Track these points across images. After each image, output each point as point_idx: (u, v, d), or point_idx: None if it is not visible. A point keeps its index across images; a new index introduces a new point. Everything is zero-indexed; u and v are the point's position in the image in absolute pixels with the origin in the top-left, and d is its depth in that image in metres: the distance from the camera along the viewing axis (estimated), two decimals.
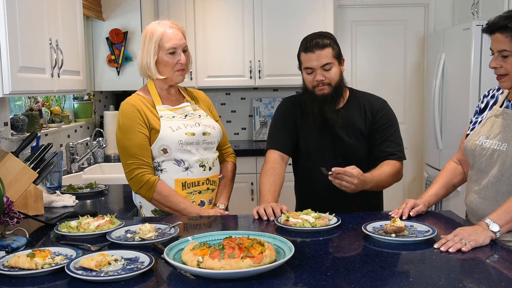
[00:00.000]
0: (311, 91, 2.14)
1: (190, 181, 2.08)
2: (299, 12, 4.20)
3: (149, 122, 2.03)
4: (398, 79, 4.80)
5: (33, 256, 1.38)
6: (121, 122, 2.05)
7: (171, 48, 2.04)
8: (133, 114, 2.03)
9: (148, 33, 2.06)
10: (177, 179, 2.07)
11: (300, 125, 2.24)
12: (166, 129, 2.03)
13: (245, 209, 3.75)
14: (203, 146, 2.11)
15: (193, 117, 2.14)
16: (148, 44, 2.05)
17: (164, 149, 2.04)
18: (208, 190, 2.14)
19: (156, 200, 2.04)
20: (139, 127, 2.02)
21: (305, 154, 2.25)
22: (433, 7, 4.69)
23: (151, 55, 2.04)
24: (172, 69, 2.07)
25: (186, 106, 2.16)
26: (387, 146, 2.18)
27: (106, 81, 3.92)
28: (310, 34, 2.15)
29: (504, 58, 1.73)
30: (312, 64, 2.08)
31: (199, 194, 2.11)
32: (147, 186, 2.02)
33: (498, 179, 1.78)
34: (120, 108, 2.08)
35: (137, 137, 2.01)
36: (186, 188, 2.08)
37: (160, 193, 2.02)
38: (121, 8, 3.85)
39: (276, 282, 1.29)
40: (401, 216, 1.87)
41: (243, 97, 4.78)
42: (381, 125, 2.18)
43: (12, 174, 2.03)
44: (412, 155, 4.88)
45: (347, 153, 2.19)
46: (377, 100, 2.25)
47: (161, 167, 2.07)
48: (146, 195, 2.04)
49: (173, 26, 2.09)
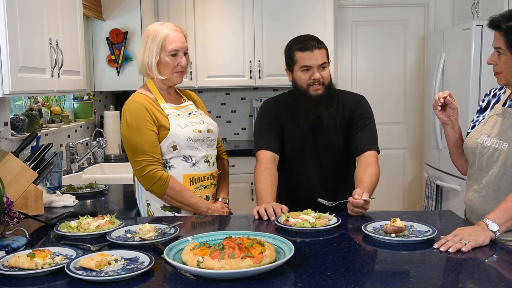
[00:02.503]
0: (305, 90, 2.17)
1: (197, 176, 2.14)
2: (299, 12, 4.20)
3: (158, 120, 2.06)
4: (398, 79, 4.80)
5: (33, 256, 1.38)
6: (129, 120, 2.06)
7: (174, 50, 2.08)
8: (141, 112, 2.05)
9: (151, 34, 2.10)
10: (185, 174, 2.11)
11: (285, 125, 2.27)
12: (176, 126, 2.08)
13: (245, 209, 3.76)
14: (207, 143, 2.17)
15: (197, 115, 2.20)
16: (150, 44, 2.09)
17: (174, 145, 2.08)
18: (211, 185, 2.21)
19: (169, 196, 2.07)
20: (148, 125, 2.04)
21: (290, 153, 2.28)
22: (433, 7, 4.69)
23: (153, 55, 2.08)
24: (172, 70, 2.11)
25: (190, 104, 2.23)
26: (363, 135, 2.21)
27: (106, 81, 3.92)
28: (301, 36, 2.22)
29: (499, 55, 1.77)
30: (311, 62, 2.13)
31: (204, 189, 2.17)
32: (161, 182, 2.04)
33: (499, 178, 1.78)
34: (127, 106, 2.09)
35: (147, 134, 2.04)
36: (193, 183, 2.13)
37: (173, 188, 2.06)
38: (121, 8, 3.85)
39: (276, 282, 1.29)
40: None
41: (243, 97, 4.79)
42: (357, 117, 2.24)
43: (12, 174, 2.03)
44: (412, 155, 4.88)
45: (331, 151, 2.25)
46: (354, 95, 2.34)
47: (169, 164, 2.11)
48: (159, 191, 2.06)
49: (177, 29, 2.13)
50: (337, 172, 2.29)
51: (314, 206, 1.98)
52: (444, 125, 1.98)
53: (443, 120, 1.95)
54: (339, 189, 2.23)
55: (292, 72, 2.22)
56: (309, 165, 2.27)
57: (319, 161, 2.26)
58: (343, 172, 2.30)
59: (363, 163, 2.13)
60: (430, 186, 4.10)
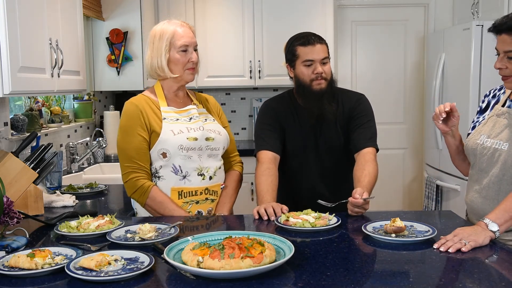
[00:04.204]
0: (308, 85, 2.17)
1: (187, 190, 2.03)
2: (299, 12, 4.20)
3: (150, 125, 2.00)
4: (398, 79, 4.80)
5: (33, 256, 1.38)
6: (122, 122, 2.04)
7: (183, 45, 2.01)
8: (135, 115, 2.00)
9: (158, 33, 2.03)
10: (174, 187, 2.02)
11: (286, 125, 2.27)
12: (167, 132, 1.99)
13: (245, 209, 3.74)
14: (207, 152, 2.06)
15: (198, 121, 2.08)
16: (158, 43, 2.01)
17: (163, 153, 2.00)
18: (207, 200, 2.08)
19: (149, 206, 2.01)
20: (139, 130, 1.99)
21: (291, 153, 2.28)
22: (433, 7, 4.69)
23: (162, 53, 2.01)
24: (183, 67, 2.04)
25: (192, 109, 2.11)
26: (362, 132, 2.20)
27: (106, 81, 3.92)
28: (301, 32, 2.22)
29: (510, 60, 1.72)
30: (313, 56, 2.13)
31: (196, 204, 2.05)
32: (141, 191, 1.99)
33: (500, 179, 1.78)
34: (124, 107, 2.06)
35: (135, 140, 1.99)
36: (182, 197, 2.03)
37: (154, 199, 1.98)
38: (121, 8, 3.85)
39: (276, 282, 1.29)
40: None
41: (243, 97, 4.79)
42: (357, 114, 2.23)
43: (12, 174, 2.03)
44: (412, 155, 4.88)
45: (332, 150, 2.25)
46: (354, 93, 2.34)
47: (158, 174, 2.03)
48: (140, 200, 2.01)
49: (184, 25, 2.07)
50: (339, 171, 2.29)
51: (315, 206, 1.98)
52: (445, 135, 1.96)
53: (444, 130, 1.92)
54: (341, 188, 2.23)
55: (294, 67, 2.21)
56: (310, 164, 2.26)
57: (320, 161, 2.26)
58: (344, 171, 2.29)
59: (361, 160, 2.12)
60: (430, 186, 4.10)
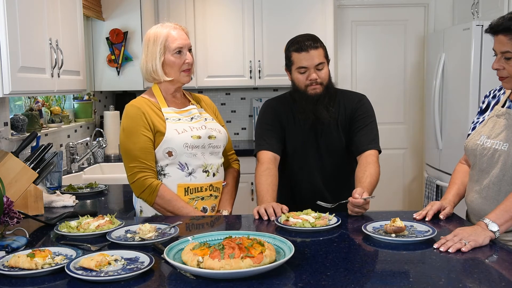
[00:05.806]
0: (303, 90, 2.17)
1: (193, 187, 2.06)
2: (299, 12, 4.20)
3: (154, 125, 2.02)
4: (398, 79, 4.80)
5: (33, 256, 1.38)
6: (125, 124, 2.04)
7: (177, 48, 2.03)
8: (137, 117, 2.01)
9: (152, 37, 2.05)
10: (180, 184, 2.05)
11: (286, 125, 2.27)
12: (172, 132, 2.01)
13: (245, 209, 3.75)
14: (209, 150, 2.09)
15: (199, 120, 2.11)
16: (152, 47, 2.04)
17: (169, 151, 2.02)
18: (211, 196, 2.11)
19: (159, 205, 2.02)
20: (143, 130, 2.00)
21: (291, 154, 2.28)
22: (433, 7, 4.69)
23: (157, 57, 2.03)
24: (179, 69, 2.06)
25: (192, 109, 2.14)
26: (364, 134, 2.20)
27: (106, 81, 3.92)
28: (298, 36, 2.20)
29: (507, 60, 1.72)
30: (307, 63, 2.12)
31: (201, 200, 2.08)
32: (150, 190, 2.00)
33: (500, 179, 1.78)
34: (125, 110, 2.07)
35: (140, 140, 2.00)
36: (188, 194, 2.06)
37: (163, 198, 2.01)
38: (121, 8, 3.85)
39: (276, 282, 1.29)
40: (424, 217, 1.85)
41: (243, 97, 4.79)
42: (358, 116, 2.23)
43: (12, 174, 2.03)
44: (412, 155, 4.88)
45: (333, 151, 2.24)
46: (355, 94, 2.33)
47: (164, 172, 2.05)
48: (148, 200, 2.02)
49: (177, 27, 2.09)
50: (339, 172, 2.28)
51: (315, 206, 1.98)
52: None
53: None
54: (342, 189, 2.22)
55: (291, 72, 2.22)
56: (311, 165, 2.26)
57: (321, 161, 2.26)
58: (345, 172, 2.29)
59: (363, 162, 2.13)
60: (430, 186, 4.10)
